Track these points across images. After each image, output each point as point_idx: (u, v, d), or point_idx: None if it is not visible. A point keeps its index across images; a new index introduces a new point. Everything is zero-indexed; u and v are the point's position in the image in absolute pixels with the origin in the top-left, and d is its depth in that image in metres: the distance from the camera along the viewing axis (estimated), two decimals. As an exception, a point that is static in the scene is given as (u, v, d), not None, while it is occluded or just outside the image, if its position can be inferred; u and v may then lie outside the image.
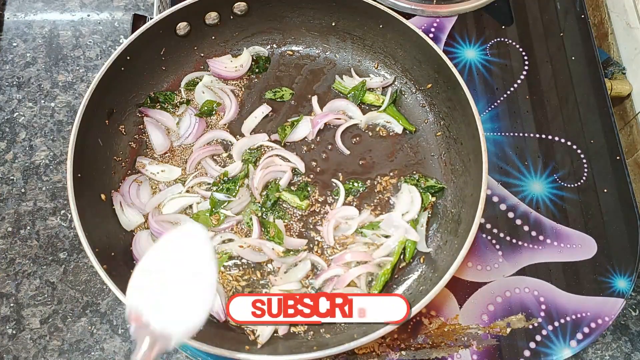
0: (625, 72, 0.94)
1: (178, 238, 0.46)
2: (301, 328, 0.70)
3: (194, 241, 0.45)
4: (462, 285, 0.75)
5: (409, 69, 0.83)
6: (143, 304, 0.42)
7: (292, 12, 0.84)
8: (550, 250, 0.78)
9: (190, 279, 0.43)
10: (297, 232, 0.76)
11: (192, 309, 0.42)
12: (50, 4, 0.99)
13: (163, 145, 0.80)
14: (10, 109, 0.89)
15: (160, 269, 0.44)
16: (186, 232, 0.46)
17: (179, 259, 0.44)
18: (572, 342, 0.72)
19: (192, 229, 0.46)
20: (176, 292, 0.43)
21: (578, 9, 0.94)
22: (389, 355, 0.71)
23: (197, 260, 0.44)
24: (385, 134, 0.82)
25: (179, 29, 0.81)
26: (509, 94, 0.88)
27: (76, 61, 0.94)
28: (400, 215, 0.75)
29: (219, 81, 0.85)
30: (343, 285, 0.72)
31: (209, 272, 0.43)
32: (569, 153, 0.84)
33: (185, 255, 0.44)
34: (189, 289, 0.43)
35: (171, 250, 0.45)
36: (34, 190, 0.84)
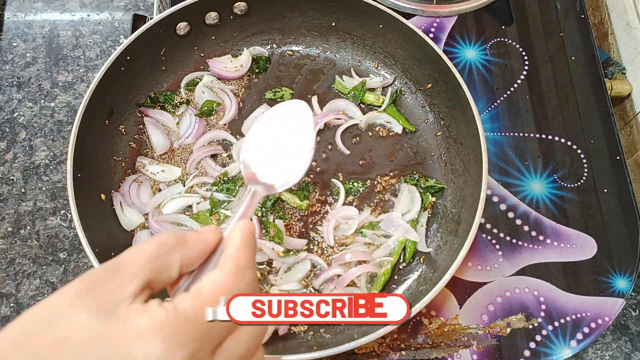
0: (625, 72, 0.94)
1: (285, 109, 0.54)
2: (301, 328, 0.70)
3: (299, 112, 0.53)
4: (462, 285, 0.75)
5: (409, 69, 0.83)
6: (253, 159, 0.50)
7: (292, 12, 0.84)
8: (550, 250, 0.78)
9: (292, 142, 0.51)
10: (297, 232, 0.76)
11: (293, 166, 0.50)
12: (50, 4, 0.99)
13: (163, 145, 0.80)
14: (10, 109, 0.89)
15: (269, 133, 0.52)
16: (292, 105, 0.53)
17: (285, 126, 0.52)
18: (572, 342, 0.72)
19: (297, 103, 0.53)
20: (280, 151, 0.51)
21: (578, 9, 0.94)
22: (389, 355, 0.71)
23: (299, 128, 0.52)
24: (385, 134, 0.83)
25: (179, 29, 0.81)
26: (509, 94, 0.88)
27: (76, 61, 0.94)
28: (400, 215, 0.75)
29: (219, 81, 0.85)
30: (343, 285, 0.72)
31: (309, 139, 0.51)
32: (569, 153, 0.84)
33: (290, 122, 0.52)
34: (291, 150, 0.51)
35: (279, 118, 0.53)
36: (34, 190, 0.84)
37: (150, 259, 0.35)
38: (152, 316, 0.32)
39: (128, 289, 0.33)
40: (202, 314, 0.34)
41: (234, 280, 0.36)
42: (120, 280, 0.33)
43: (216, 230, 0.40)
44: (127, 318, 0.32)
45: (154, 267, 0.34)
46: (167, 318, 0.32)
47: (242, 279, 0.37)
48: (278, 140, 0.52)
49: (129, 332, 0.31)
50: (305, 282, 0.73)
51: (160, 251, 0.35)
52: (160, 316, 0.32)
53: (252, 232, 0.40)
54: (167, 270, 0.35)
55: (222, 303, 0.34)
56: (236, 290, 0.36)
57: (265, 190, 0.48)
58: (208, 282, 0.35)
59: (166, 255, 0.35)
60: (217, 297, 0.35)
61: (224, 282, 0.35)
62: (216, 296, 0.35)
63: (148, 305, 0.33)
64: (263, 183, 0.49)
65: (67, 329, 0.31)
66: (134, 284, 0.33)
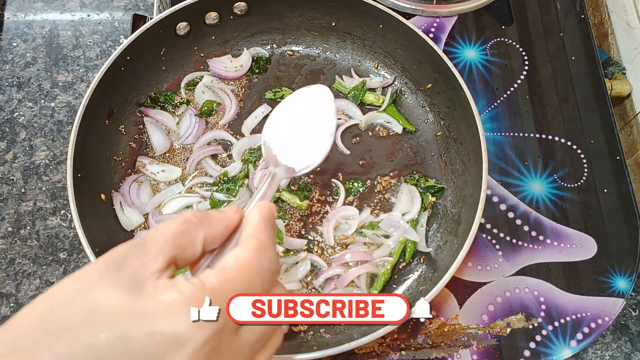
0: (625, 72, 0.94)
1: (307, 93, 0.54)
2: (301, 328, 0.70)
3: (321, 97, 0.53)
4: (462, 285, 0.75)
5: (409, 69, 0.83)
6: (274, 141, 0.50)
7: (292, 12, 0.84)
8: (550, 250, 0.78)
9: (314, 126, 0.51)
10: (297, 232, 0.76)
11: (313, 150, 0.50)
12: (50, 4, 0.99)
13: (163, 145, 0.80)
14: (10, 109, 0.89)
15: (291, 116, 0.52)
16: (314, 90, 0.53)
17: (307, 110, 0.52)
18: (572, 342, 0.72)
19: (319, 88, 0.53)
20: (301, 135, 0.51)
21: (578, 9, 0.94)
22: (389, 355, 0.71)
23: (321, 112, 0.52)
24: (385, 134, 0.82)
25: (179, 29, 0.81)
26: (509, 94, 0.88)
27: (76, 61, 0.94)
28: (400, 215, 0.75)
29: (219, 81, 0.85)
30: (343, 285, 0.72)
31: (330, 123, 0.51)
32: (569, 153, 0.84)
33: (312, 107, 0.52)
34: (312, 134, 0.51)
35: (301, 102, 0.53)
36: (34, 190, 0.84)
37: (176, 235, 0.35)
38: (180, 291, 0.32)
39: (155, 265, 0.34)
40: (228, 287, 0.34)
41: (257, 257, 0.37)
42: (147, 256, 0.34)
43: (238, 210, 0.41)
44: (154, 293, 0.32)
45: (179, 244, 0.35)
46: (195, 292, 0.33)
47: (264, 255, 0.37)
48: (299, 123, 0.53)
49: (156, 307, 0.32)
50: (305, 282, 0.73)
51: (185, 228, 0.36)
52: (188, 291, 0.32)
53: (271, 211, 0.41)
54: (191, 246, 0.36)
55: (207, 303, 0.34)
56: (259, 267, 0.36)
57: (285, 173, 0.49)
58: (232, 259, 0.36)
59: (191, 232, 0.36)
60: (241, 272, 0.35)
61: (247, 258, 0.36)
62: (240, 272, 0.35)
63: (175, 280, 0.34)
64: (284, 165, 0.49)
65: (95, 303, 0.32)
66: (160, 259, 0.34)
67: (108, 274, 0.33)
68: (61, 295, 0.33)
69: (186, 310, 0.32)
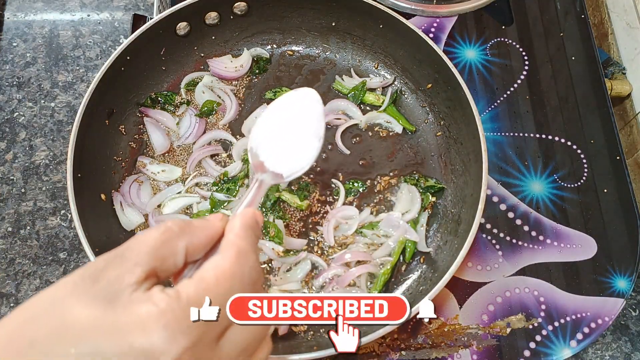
0: (625, 72, 0.94)
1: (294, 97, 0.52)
2: (301, 328, 0.70)
3: (308, 100, 0.51)
4: (462, 285, 0.75)
5: (409, 69, 0.83)
6: (261, 147, 0.48)
7: (292, 12, 0.84)
8: (550, 250, 0.78)
9: (302, 130, 0.50)
10: (297, 232, 0.76)
11: (301, 155, 0.49)
12: (50, 4, 0.99)
13: (163, 145, 0.80)
14: (10, 109, 0.89)
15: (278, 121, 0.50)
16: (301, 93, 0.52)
17: (294, 114, 0.51)
18: (572, 342, 0.72)
19: (306, 91, 0.52)
20: (289, 140, 0.50)
21: (578, 9, 0.94)
22: (389, 355, 0.71)
23: (309, 116, 0.51)
24: (385, 134, 0.83)
25: (179, 29, 0.81)
26: (509, 94, 0.88)
27: (76, 61, 0.94)
28: (400, 215, 0.76)
29: (219, 81, 0.85)
30: (343, 285, 0.72)
31: (318, 127, 0.50)
32: (569, 153, 0.84)
33: (299, 111, 0.51)
34: (300, 139, 0.50)
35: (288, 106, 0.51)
36: (34, 190, 0.84)
37: (155, 246, 0.34)
38: (154, 303, 0.31)
39: (132, 276, 0.32)
40: (205, 299, 0.33)
41: (237, 264, 0.35)
42: (123, 268, 0.33)
43: (222, 218, 0.39)
44: (128, 306, 0.31)
45: (158, 255, 0.34)
46: (169, 304, 0.32)
47: (244, 262, 0.36)
48: (287, 128, 0.51)
49: (130, 320, 0.31)
50: (305, 282, 0.73)
51: (166, 238, 0.35)
52: (162, 303, 0.31)
53: (254, 217, 0.40)
54: (172, 256, 0.35)
55: (207, 304, 0.33)
56: (239, 274, 0.35)
57: (272, 179, 0.48)
58: (210, 267, 0.35)
59: (171, 242, 0.35)
60: (219, 281, 0.34)
61: (226, 266, 0.35)
62: (219, 281, 0.34)
63: (150, 292, 0.32)
64: (271, 172, 0.48)
65: (67, 316, 0.31)
66: (137, 271, 0.33)
67: (83, 286, 0.32)
68: (35, 308, 0.32)
69: (161, 322, 0.31)
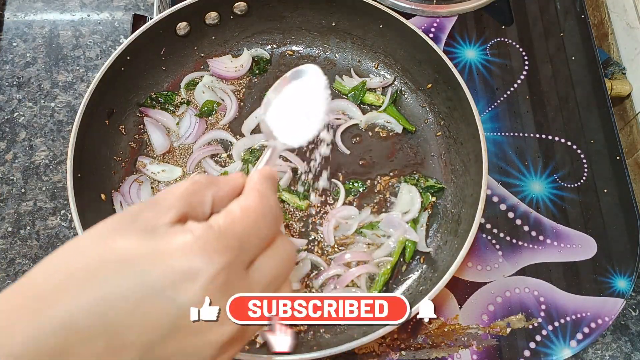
0: (625, 72, 0.94)
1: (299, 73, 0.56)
2: (301, 328, 0.70)
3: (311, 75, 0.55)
4: (462, 285, 0.75)
5: (409, 69, 0.83)
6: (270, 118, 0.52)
7: (292, 12, 0.84)
8: (550, 250, 0.78)
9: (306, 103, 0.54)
10: (297, 232, 0.76)
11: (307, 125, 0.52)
12: (50, 4, 0.99)
13: (163, 145, 0.80)
14: (10, 109, 0.89)
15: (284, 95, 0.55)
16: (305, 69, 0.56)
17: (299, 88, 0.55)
18: (572, 342, 0.72)
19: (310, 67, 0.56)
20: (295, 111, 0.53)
21: (578, 9, 0.94)
22: (389, 355, 0.71)
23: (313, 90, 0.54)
24: (385, 134, 0.83)
25: (179, 29, 0.81)
26: (509, 94, 0.88)
27: (76, 61, 0.94)
28: (400, 215, 0.76)
29: (219, 81, 0.85)
30: (343, 285, 0.72)
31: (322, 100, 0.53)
32: (569, 153, 0.84)
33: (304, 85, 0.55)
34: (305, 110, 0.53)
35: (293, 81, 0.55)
36: (34, 190, 0.84)
37: (186, 194, 0.37)
38: (190, 231, 0.34)
39: (166, 217, 0.35)
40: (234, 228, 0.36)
41: (260, 203, 0.38)
42: (158, 211, 0.36)
43: (243, 175, 0.43)
44: (167, 236, 0.34)
45: (189, 201, 0.37)
46: (204, 231, 0.34)
47: (266, 201, 0.39)
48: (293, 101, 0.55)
49: (170, 247, 0.33)
50: (305, 282, 0.73)
51: (195, 188, 0.38)
52: (198, 230, 0.34)
53: (270, 171, 0.43)
54: (200, 205, 0.38)
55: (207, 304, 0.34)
56: (262, 210, 0.38)
57: (283, 146, 0.52)
58: (236, 204, 0.38)
59: (200, 192, 0.38)
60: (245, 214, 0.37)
61: (249, 202, 0.38)
62: (244, 213, 0.37)
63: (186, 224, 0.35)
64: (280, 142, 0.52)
65: (109, 248, 0.33)
66: (171, 213, 0.35)
67: (122, 224, 0.35)
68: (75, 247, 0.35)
69: (197, 247, 0.33)
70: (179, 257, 0.33)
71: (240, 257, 0.36)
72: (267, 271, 0.38)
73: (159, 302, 0.32)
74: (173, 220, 0.35)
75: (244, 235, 0.36)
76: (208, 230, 0.34)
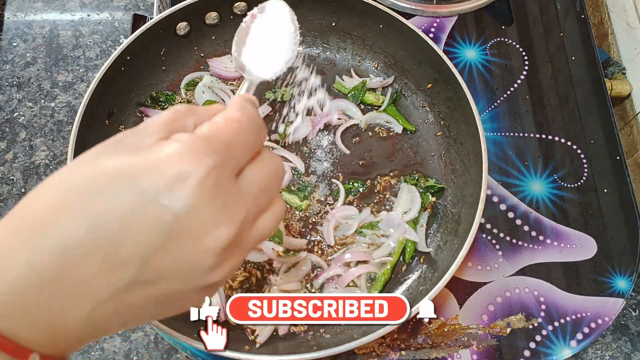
0: (625, 72, 0.94)
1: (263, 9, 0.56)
2: (301, 328, 0.70)
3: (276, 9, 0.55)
4: (462, 285, 0.75)
5: (409, 69, 0.83)
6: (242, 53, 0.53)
7: (292, 12, 0.84)
8: (550, 250, 0.78)
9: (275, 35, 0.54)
10: (297, 232, 0.76)
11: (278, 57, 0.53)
12: (50, 4, 0.99)
13: (163, 145, 0.80)
14: (10, 109, 0.89)
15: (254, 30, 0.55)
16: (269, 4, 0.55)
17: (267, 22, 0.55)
18: (572, 342, 0.72)
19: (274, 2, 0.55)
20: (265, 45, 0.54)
21: (578, 9, 0.94)
22: (389, 355, 0.71)
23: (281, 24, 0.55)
24: (385, 134, 0.83)
25: (179, 29, 0.81)
26: (509, 94, 0.88)
27: (76, 61, 0.94)
28: (400, 215, 0.76)
29: (219, 81, 0.85)
30: (343, 285, 0.72)
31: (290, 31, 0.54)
32: (569, 153, 0.84)
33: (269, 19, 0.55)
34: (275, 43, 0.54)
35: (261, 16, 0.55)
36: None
37: (167, 121, 0.37)
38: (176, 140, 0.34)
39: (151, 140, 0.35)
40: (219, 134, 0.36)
41: (242, 114, 0.38)
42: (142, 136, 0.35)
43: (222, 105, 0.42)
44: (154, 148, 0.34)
45: (172, 127, 0.36)
46: (190, 138, 0.34)
47: (248, 112, 0.39)
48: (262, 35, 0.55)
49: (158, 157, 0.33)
50: (305, 282, 0.73)
51: (176, 116, 0.38)
52: (183, 137, 0.34)
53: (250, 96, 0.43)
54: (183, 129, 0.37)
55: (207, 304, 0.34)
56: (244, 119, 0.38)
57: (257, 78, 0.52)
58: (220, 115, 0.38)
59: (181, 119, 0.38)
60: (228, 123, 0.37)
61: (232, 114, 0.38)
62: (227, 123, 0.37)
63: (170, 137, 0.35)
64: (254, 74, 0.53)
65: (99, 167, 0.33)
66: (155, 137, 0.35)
67: (105, 149, 0.35)
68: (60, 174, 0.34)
69: (186, 150, 0.33)
70: (168, 163, 0.33)
71: (228, 163, 0.35)
72: (256, 180, 0.37)
73: (152, 210, 0.31)
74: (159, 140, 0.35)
75: (230, 141, 0.36)
76: (194, 137, 0.34)
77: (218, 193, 0.33)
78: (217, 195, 0.33)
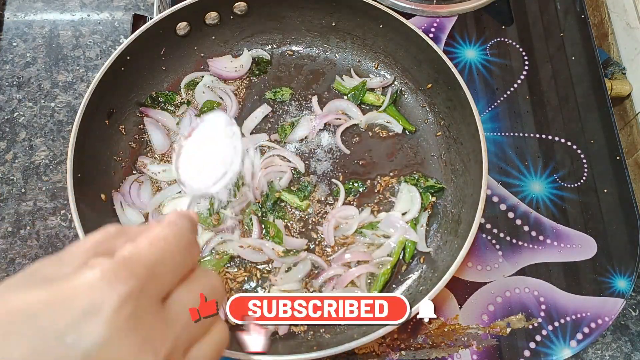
0: (625, 72, 0.94)
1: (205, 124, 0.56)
2: (301, 328, 0.70)
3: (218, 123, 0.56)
4: (462, 285, 0.75)
5: (409, 69, 0.83)
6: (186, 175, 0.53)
7: (292, 12, 0.84)
8: (550, 250, 0.78)
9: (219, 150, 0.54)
10: (297, 232, 0.76)
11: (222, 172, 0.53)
12: (50, 4, 0.99)
13: (163, 145, 0.80)
14: (10, 109, 0.89)
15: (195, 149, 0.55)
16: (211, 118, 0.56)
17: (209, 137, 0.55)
18: (572, 342, 0.72)
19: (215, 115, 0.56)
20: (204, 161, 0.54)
21: (578, 9, 0.94)
22: (389, 355, 0.71)
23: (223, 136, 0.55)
24: (385, 134, 0.83)
25: (179, 29, 0.81)
26: (509, 94, 0.88)
27: (76, 61, 0.94)
28: (400, 215, 0.76)
29: (219, 81, 0.85)
30: (343, 285, 0.72)
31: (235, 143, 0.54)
32: (569, 153, 0.84)
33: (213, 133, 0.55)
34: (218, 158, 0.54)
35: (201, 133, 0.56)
36: (34, 190, 0.84)
37: (95, 244, 0.34)
38: (96, 265, 0.31)
39: (69, 268, 0.32)
40: (139, 256, 0.33)
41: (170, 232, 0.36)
42: (62, 264, 0.33)
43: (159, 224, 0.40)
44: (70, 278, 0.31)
45: (97, 251, 0.34)
46: (108, 262, 0.32)
47: (177, 230, 0.36)
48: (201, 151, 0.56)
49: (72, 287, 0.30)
50: (306, 282, 0.73)
51: (103, 237, 0.35)
52: (102, 262, 0.31)
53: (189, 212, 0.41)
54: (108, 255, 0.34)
55: None
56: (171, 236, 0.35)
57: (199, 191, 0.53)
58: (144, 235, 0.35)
59: (109, 240, 0.35)
60: (152, 242, 0.34)
61: (158, 233, 0.35)
62: (152, 242, 0.34)
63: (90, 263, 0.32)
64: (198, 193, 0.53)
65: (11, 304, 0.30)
66: (75, 264, 0.32)
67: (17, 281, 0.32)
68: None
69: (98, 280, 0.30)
70: (80, 294, 0.29)
71: (150, 287, 0.32)
72: (187, 303, 0.34)
73: (55, 351, 0.28)
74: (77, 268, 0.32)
75: (153, 263, 0.33)
76: (111, 262, 0.31)
77: (137, 324, 0.30)
78: (136, 327, 0.30)
